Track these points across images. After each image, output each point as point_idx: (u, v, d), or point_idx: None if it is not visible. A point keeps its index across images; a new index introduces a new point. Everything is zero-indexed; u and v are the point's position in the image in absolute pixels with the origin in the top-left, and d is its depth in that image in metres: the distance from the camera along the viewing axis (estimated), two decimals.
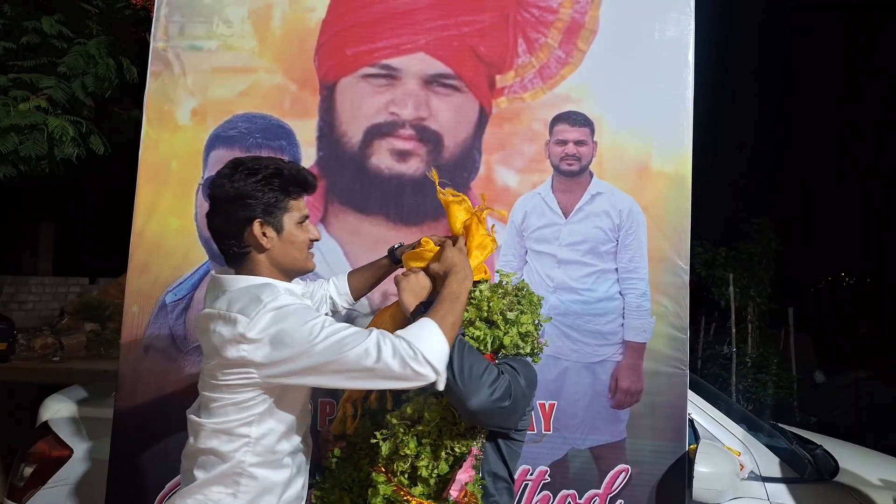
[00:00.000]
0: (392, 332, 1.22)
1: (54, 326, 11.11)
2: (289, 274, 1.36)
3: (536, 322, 1.45)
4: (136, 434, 2.00)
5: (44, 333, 10.75)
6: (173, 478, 1.93)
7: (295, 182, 1.32)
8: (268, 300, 1.20)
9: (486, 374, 1.24)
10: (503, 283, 1.51)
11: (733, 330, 7.59)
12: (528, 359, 1.43)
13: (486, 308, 1.42)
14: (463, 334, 1.34)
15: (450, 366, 1.21)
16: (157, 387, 1.99)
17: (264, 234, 1.29)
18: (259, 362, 1.18)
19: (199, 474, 1.26)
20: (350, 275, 1.72)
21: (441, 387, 1.20)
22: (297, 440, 1.33)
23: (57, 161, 5.09)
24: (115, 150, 5.64)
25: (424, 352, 1.16)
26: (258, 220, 1.28)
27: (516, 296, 1.48)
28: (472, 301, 1.42)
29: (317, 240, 1.39)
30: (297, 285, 1.40)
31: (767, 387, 7.17)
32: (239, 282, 1.29)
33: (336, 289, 1.70)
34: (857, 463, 2.36)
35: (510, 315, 1.41)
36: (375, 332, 1.19)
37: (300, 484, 1.35)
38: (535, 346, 1.43)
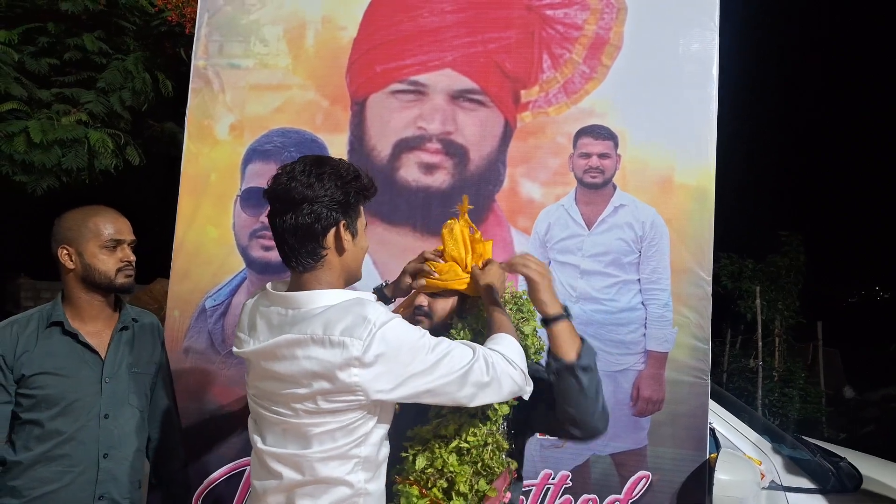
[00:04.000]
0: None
1: None
2: (349, 281, 1.31)
3: (536, 330, 1.49)
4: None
5: None
6: (212, 473, 2.01)
7: (369, 188, 1.30)
8: (375, 318, 1.14)
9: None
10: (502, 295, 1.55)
11: (760, 343, 7.49)
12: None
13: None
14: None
15: (594, 383, 1.30)
16: (197, 387, 2.08)
17: (345, 238, 1.25)
18: (375, 386, 1.15)
19: None
20: (378, 290, 1.73)
21: (527, 397, 1.29)
22: (388, 445, 1.31)
23: (96, 173, 5.29)
24: (150, 160, 5.85)
25: (522, 366, 1.23)
26: (343, 221, 1.24)
27: (515, 303, 1.52)
28: (480, 313, 1.46)
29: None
30: None
31: (794, 401, 7.06)
32: (320, 299, 1.21)
33: None
34: (881, 475, 2.34)
35: (526, 329, 1.46)
36: (478, 346, 1.23)
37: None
38: (538, 346, 1.48)
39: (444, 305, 1.49)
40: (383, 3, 2.21)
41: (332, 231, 1.23)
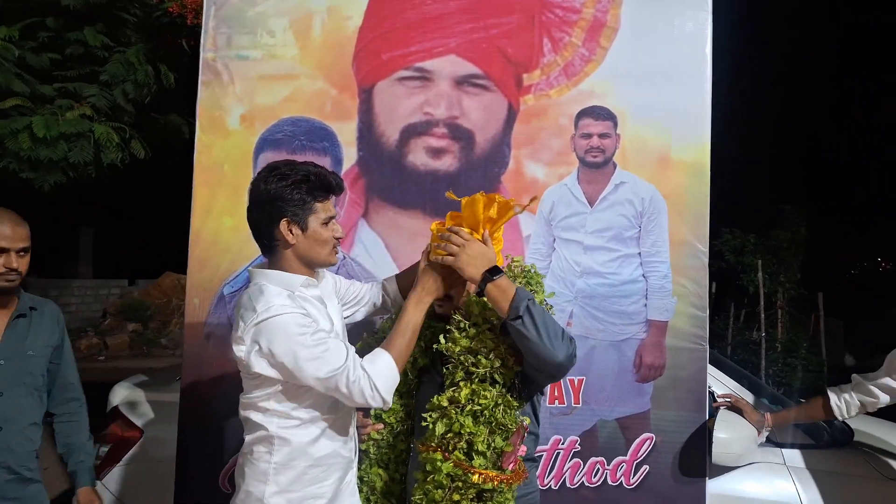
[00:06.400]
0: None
1: (98, 327, 11.53)
2: (311, 267, 1.53)
3: (545, 301, 1.59)
4: (201, 414, 2.18)
5: (88, 334, 11.16)
6: (234, 455, 2.12)
7: (320, 186, 1.48)
8: (261, 310, 1.39)
9: (563, 333, 1.41)
10: (512, 268, 1.62)
11: (762, 315, 7.59)
12: None
13: None
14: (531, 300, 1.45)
15: (535, 326, 1.37)
16: (219, 371, 2.17)
17: (290, 232, 1.46)
18: (252, 363, 1.40)
19: (246, 437, 1.51)
20: (398, 277, 1.83)
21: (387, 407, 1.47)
22: (317, 410, 1.48)
23: (103, 167, 5.34)
24: (154, 153, 5.89)
25: (380, 388, 1.39)
26: (286, 219, 1.45)
27: (525, 277, 1.59)
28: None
29: (341, 238, 1.55)
30: (324, 281, 1.60)
31: (797, 371, 7.18)
32: (256, 277, 1.51)
33: (387, 291, 1.81)
34: (874, 432, 2.45)
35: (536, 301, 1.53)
36: (350, 359, 1.40)
37: (331, 446, 1.50)
38: None
39: (465, 288, 1.58)
40: None
41: (276, 228, 1.46)
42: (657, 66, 2.14)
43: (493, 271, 1.44)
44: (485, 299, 1.48)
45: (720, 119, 2.13)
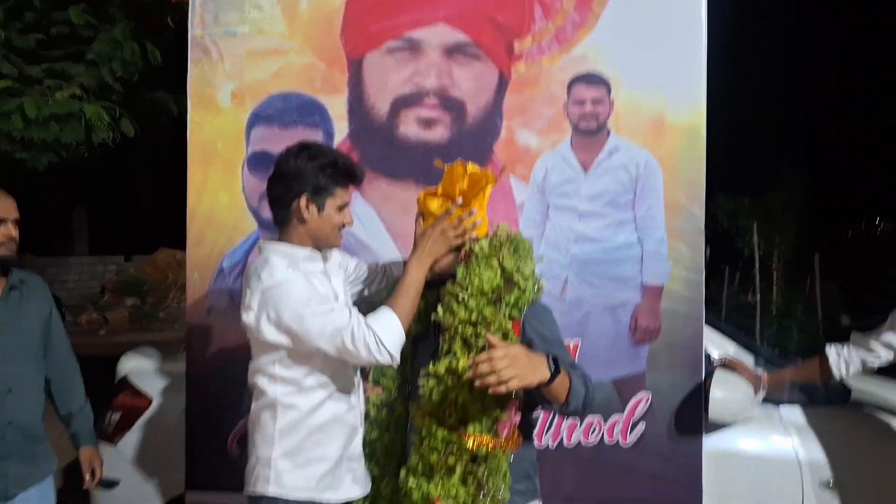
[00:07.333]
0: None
1: (97, 303, 11.63)
2: (318, 245, 1.61)
3: (533, 270, 1.56)
4: (206, 383, 2.24)
5: (88, 310, 11.26)
6: (242, 419, 2.16)
7: (344, 174, 1.58)
8: (265, 278, 1.47)
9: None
10: (498, 234, 1.60)
11: (757, 279, 7.65)
12: (541, 303, 1.58)
13: (497, 266, 1.51)
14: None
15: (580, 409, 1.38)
16: (221, 342, 2.21)
17: (307, 209, 1.55)
18: (260, 329, 1.49)
19: (253, 403, 1.60)
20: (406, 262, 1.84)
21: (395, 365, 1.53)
22: (321, 377, 1.56)
23: (94, 146, 5.32)
24: (143, 131, 5.86)
25: (386, 343, 1.45)
26: (305, 196, 1.54)
27: (511, 243, 1.57)
28: (481, 261, 1.52)
29: (349, 225, 1.64)
30: (332, 257, 1.67)
31: (792, 334, 7.26)
32: (264, 249, 1.59)
33: (393, 273, 1.85)
34: (871, 389, 2.49)
35: (526, 271, 1.52)
36: (354, 318, 1.46)
37: (334, 413, 1.58)
38: (538, 287, 1.57)
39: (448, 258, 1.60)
40: None
41: (295, 202, 1.54)
42: (650, 30, 2.12)
43: (553, 365, 1.30)
44: (480, 268, 1.50)
45: (715, 81, 2.11)
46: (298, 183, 1.54)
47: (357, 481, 1.62)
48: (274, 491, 1.52)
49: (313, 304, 1.46)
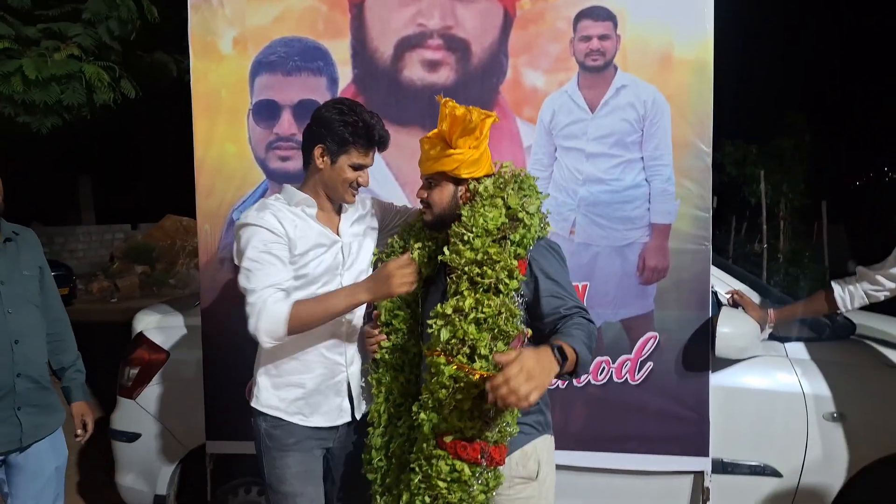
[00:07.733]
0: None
1: (107, 271, 11.76)
2: (330, 197, 1.71)
3: (538, 208, 1.56)
4: (221, 334, 2.28)
5: (99, 277, 11.40)
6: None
7: (363, 136, 1.62)
8: (244, 216, 1.62)
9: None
10: (502, 173, 1.60)
11: (764, 226, 7.61)
12: (548, 240, 1.59)
13: (502, 205, 1.52)
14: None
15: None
16: (235, 293, 2.23)
17: (322, 158, 1.65)
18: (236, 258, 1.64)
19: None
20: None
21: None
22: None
23: (97, 108, 5.28)
24: (144, 93, 5.80)
25: (260, 328, 1.54)
26: (322, 146, 1.63)
27: (516, 181, 1.57)
28: (485, 201, 1.53)
29: (363, 185, 1.69)
30: (352, 208, 1.78)
31: (799, 281, 7.27)
32: (283, 193, 1.72)
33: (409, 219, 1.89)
34: (875, 325, 2.51)
35: (531, 208, 1.53)
36: (268, 288, 1.55)
37: (312, 345, 1.69)
38: (543, 224, 1.57)
39: (441, 195, 1.62)
40: None
41: (314, 149, 1.64)
42: None
43: (560, 355, 1.32)
44: (484, 208, 1.51)
45: (721, 23, 2.06)
46: (320, 132, 1.63)
47: (328, 413, 1.73)
48: (254, 404, 1.74)
49: (253, 254, 1.57)
